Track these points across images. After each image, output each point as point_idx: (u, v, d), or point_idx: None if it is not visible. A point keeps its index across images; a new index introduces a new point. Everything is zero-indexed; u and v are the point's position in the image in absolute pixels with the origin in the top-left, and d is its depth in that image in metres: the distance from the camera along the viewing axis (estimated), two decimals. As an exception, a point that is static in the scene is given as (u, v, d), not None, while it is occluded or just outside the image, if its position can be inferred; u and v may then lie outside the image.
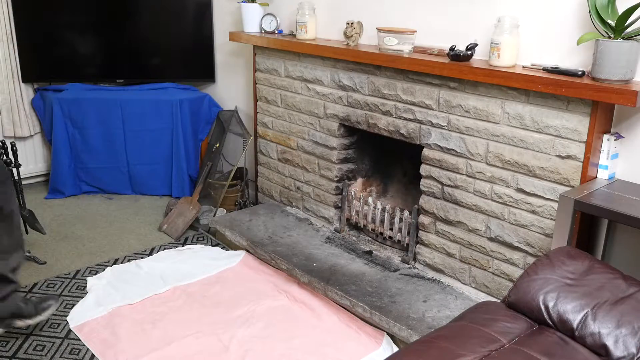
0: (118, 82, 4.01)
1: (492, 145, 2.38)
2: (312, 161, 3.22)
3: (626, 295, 1.70)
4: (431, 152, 2.60)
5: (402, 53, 2.58)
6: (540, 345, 1.62)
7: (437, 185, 2.62)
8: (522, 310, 1.78)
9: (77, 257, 3.13)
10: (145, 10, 3.93)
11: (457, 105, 2.45)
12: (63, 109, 3.77)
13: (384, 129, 2.78)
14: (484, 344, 1.62)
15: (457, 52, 2.37)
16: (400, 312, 2.42)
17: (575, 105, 2.11)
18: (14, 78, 3.81)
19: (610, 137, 2.11)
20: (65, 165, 3.85)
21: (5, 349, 2.37)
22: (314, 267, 2.78)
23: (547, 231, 2.26)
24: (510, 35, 2.25)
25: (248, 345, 2.39)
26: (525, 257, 2.36)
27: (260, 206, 3.54)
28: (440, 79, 2.49)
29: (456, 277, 2.64)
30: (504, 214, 2.40)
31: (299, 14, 3.05)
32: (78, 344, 2.41)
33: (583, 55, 2.17)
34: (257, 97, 3.50)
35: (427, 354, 1.59)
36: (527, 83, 2.15)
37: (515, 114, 2.27)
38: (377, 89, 2.77)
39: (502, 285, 2.46)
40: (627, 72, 1.98)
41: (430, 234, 2.71)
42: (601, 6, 1.99)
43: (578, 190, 2.05)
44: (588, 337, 1.63)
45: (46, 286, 2.83)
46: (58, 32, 3.87)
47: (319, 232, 3.16)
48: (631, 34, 1.97)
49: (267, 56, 3.34)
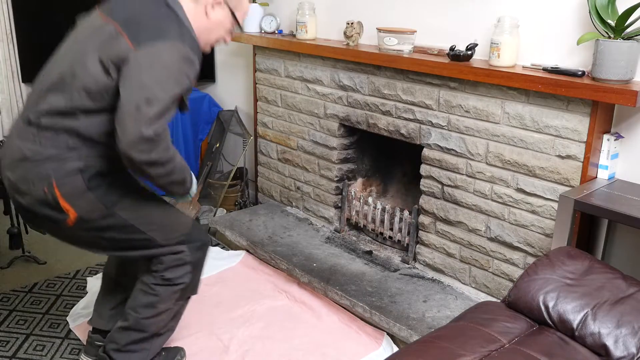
0: (118, 82, 4.01)
1: (492, 145, 2.38)
2: (312, 161, 3.22)
3: (626, 295, 1.70)
4: (431, 152, 2.60)
5: (402, 53, 2.58)
6: (540, 345, 1.62)
7: (437, 185, 2.62)
8: (522, 310, 1.78)
9: (77, 257, 3.13)
10: (145, 10, 3.93)
11: (457, 105, 2.45)
12: (63, 109, 3.77)
13: (384, 129, 2.78)
14: (484, 344, 1.62)
15: (457, 52, 2.37)
16: (400, 312, 2.42)
17: (575, 105, 2.11)
18: (14, 78, 3.81)
19: (610, 137, 2.11)
20: (65, 165, 3.85)
21: (5, 349, 2.37)
22: (314, 267, 2.78)
23: (547, 231, 2.26)
24: (510, 35, 2.25)
25: (248, 345, 2.39)
26: (525, 257, 2.36)
27: (260, 206, 3.54)
28: (440, 79, 2.49)
29: (456, 277, 2.64)
30: (504, 214, 2.40)
31: (299, 14, 3.05)
32: (78, 344, 2.41)
33: (583, 55, 2.17)
34: (257, 97, 3.50)
35: (427, 354, 1.59)
36: (527, 83, 2.15)
37: (515, 114, 2.27)
38: (377, 89, 2.77)
39: (502, 285, 2.46)
40: (627, 72, 1.98)
41: (430, 234, 2.71)
42: (601, 6, 1.99)
43: (578, 190, 2.05)
44: (588, 337, 1.63)
45: (46, 286, 2.83)
46: (58, 32, 3.86)
47: (319, 232, 3.16)
48: (631, 34, 1.97)
49: (267, 56, 3.35)
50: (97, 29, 1.83)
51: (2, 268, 2.98)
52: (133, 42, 1.72)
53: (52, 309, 2.65)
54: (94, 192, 1.86)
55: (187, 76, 1.77)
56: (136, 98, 1.67)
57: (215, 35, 1.96)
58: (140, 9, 1.82)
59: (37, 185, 1.81)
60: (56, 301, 2.71)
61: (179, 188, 1.90)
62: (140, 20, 1.78)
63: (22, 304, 2.69)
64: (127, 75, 1.71)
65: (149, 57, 1.71)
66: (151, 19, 1.78)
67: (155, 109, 1.67)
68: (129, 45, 1.72)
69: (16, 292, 2.77)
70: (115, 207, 1.90)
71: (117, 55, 1.73)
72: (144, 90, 1.68)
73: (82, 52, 1.81)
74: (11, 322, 2.55)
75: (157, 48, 1.72)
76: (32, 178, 1.82)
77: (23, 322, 2.55)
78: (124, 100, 1.68)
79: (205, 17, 1.90)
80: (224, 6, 1.91)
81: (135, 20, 1.78)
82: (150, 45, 1.72)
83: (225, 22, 1.94)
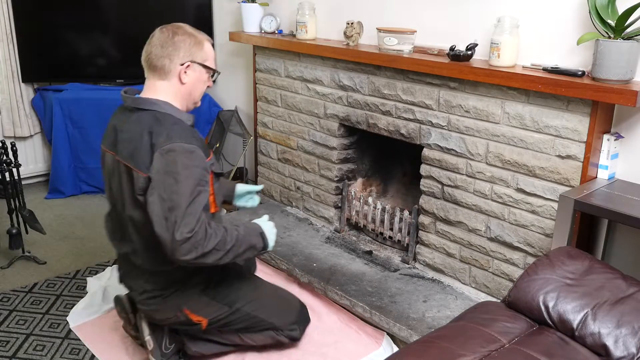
0: (118, 82, 4.01)
1: (492, 145, 2.38)
2: (312, 161, 3.22)
3: (626, 295, 1.70)
4: (431, 152, 2.60)
5: (402, 53, 2.58)
6: (540, 345, 1.62)
7: (437, 185, 2.62)
8: (522, 310, 1.78)
9: (77, 257, 3.13)
10: (145, 10, 3.93)
11: (457, 105, 2.45)
12: (63, 109, 3.77)
13: (384, 129, 2.78)
14: (484, 344, 1.62)
15: (457, 52, 2.37)
16: (400, 312, 2.42)
17: (575, 105, 2.11)
18: (14, 78, 3.81)
19: (610, 137, 2.11)
20: (65, 165, 3.85)
21: (5, 349, 2.37)
22: (314, 267, 2.78)
23: (547, 231, 2.26)
24: (510, 35, 2.25)
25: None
26: (525, 257, 2.36)
27: (260, 206, 3.52)
28: (440, 79, 2.49)
29: (456, 277, 2.64)
30: (504, 214, 2.40)
31: (299, 14, 3.05)
32: (78, 344, 2.41)
33: (583, 55, 2.17)
34: (257, 97, 3.50)
35: (427, 354, 1.59)
36: (527, 83, 2.15)
37: (515, 114, 2.27)
38: (377, 89, 2.77)
39: (502, 285, 2.46)
40: (627, 72, 1.98)
41: (430, 234, 2.71)
42: (601, 6, 1.99)
43: (578, 190, 2.05)
44: (588, 337, 1.63)
45: (46, 286, 2.83)
46: (58, 32, 3.87)
47: (319, 232, 3.16)
48: (631, 34, 1.97)
49: (267, 56, 3.35)
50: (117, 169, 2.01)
51: (2, 268, 2.98)
52: (141, 170, 1.89)
53: (52, 309, 2.65)
54: (215, 299, 2.14)
55: (195, 165, 1.89)
56: (160, 212, 1.84)
57: (198, 92, 2.07)
58: (130, 136, 1.95)
59: (171, 314, 2.12)
60: (56, 301, 2.71)
61: (251, 253, 2.06)
62: (135, 147, 1.92)
63: (22, 304, 2.69)
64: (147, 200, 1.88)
65: (155, 175, 1.86)
66: (141, 141, 1.90)
67: (178, 212, 1.82)
68: (140, 174, 1.90)
69: (16, 292, 2.77)
70: (238, 304, 2.17)
71: (138, 187, 1.91)
72: (164, 203, 1.84)
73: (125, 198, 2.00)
74: (11, 322, 2.55)
75: (157, 162, 1.86)
76: (164, 310, 2.11)
77: (23, 322, 2.55)
78: (152, 218, 1.85)
79: (182, 85, 2.00)
80: (193, 65, 2.00)
81: (132, 148, 1.93)
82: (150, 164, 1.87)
83: (201, 76, 2.04)
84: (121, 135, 1.98)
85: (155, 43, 1.97)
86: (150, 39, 1.99)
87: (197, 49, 1.99)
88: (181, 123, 1.95)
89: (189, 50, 1.97)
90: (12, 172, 2.90)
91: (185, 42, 1.97)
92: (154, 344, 2.18)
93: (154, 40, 1.98)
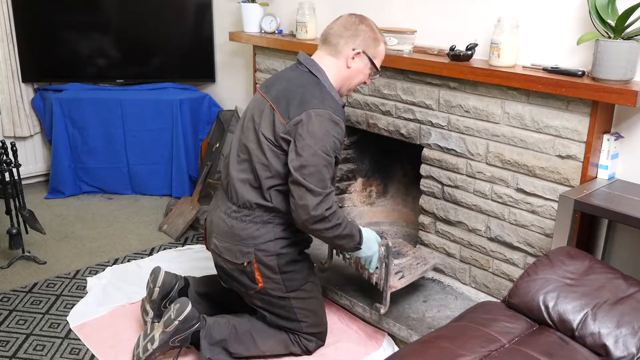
0: (118, 82, 4.01)
1: (492, 145, 2.38)
2: (312, 161, 3.22)
3: (626, 295, 1.70)
4: (431, 152, 2.60)
5: (402, 53, 2.58)
6: (540, 345, 1.62)
7: (437, 185, 2.62)
8: (522, 310, 1.78)
9: (77, 257, 3.13)
10: (145, 10, 3.93)
11: (457, 105, 2.45)
12: (63, 109, 3.77)
13: (384, 129, 2.78)
14: (484, 344, 1.62)
15: (457, 52, 2.37)
16: (400, 312, 2.42)
17: (575, 105, 2.11)
18: (14, 78, 3.81)
19: (610, 137, 2.11)
20: (65, 165, 3.85)
21: (5, 349, 2.37)
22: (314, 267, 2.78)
23: (547, 231, 2.26)
24: (510, 35, 2.25)
25: (248, 345, 2.39)
26: (525, 257, 2.36)
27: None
28: (440, 79, 2.49)
29: (456, 277, 2.64)
30: (504, 214, 2.40)
31: (299, 14, 3.05)
32: (78, 344, 2.41)
33: (583, 55, 2.17)
34: (257, 97, 3.50)
35: (427, 354, 1.59)
36: (527, 83, 2.15)
37: (516, 114, 2.27)
38: (377, 89, 2.77)
39: (502, 285, 2.46)
40: (627, 72, 1.98)
41: (430, 234, 2.71)
42: (601, 6, 1.99)
43: (578, 190, 2.05)
44: (588, 337, 1.63)
45: (46, 286, 2.83)
46: (58, 32, 3.87)
47: (319, 232, 3.15)
48: (631, 34, 1.97)
49: (267, 56, 3.34)
50: (261, 107, 2.13)
51: (2, 268, 2.98)
52: (284, 117, 2.02)
53: (52, 309, 2.65)
54: (283, 276, 2.18)
55: (334, 137, 2.02)
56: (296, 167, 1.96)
57: (355, 81, 2.21)
58: (287, 84, 2.11)
59: (240, 259, 2.15)
60: (56, 301, 2.71)
61: (347, 242, 2.12)
62: (286, 95, 2.06)
63: (22, 304, 2.69)
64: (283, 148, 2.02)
65: (298, 129, 1.98)
66: (296, 93, 2.05)
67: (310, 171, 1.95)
68: (281, 120, 2.02)
69: (16, 292, 2.77)
70: (292, 293, 2.21)
71: (277, 131, 2.02)
72: (299, 159, 1.96)
73: (255, 130, 2.11)
74: (11, 322, 2.55)
75: (303, 118, 1.98)
76: (236, 252, 2.15)
77: (23, 322, 2.56)
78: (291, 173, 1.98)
79: (347, 68, 2.15)
80: (362, 56, 2.15)
81: (283, 95, 2.07)
82: (297, 117, 1.99)
83: (364, 69, 2.19)
84: (279, 81, 2.15)
85: (340, 23, 2.16)
86: (337, 19, 2.19)
87: (373, 44, 2.16)
88: (336, 97, 2.11)
89: (365, 41, 2.14)
90: (12, 172, 2.90)
91: (366, 34, 2.14)
92: (151, 351, 2.15)
93: (340, 20, 2.17)
